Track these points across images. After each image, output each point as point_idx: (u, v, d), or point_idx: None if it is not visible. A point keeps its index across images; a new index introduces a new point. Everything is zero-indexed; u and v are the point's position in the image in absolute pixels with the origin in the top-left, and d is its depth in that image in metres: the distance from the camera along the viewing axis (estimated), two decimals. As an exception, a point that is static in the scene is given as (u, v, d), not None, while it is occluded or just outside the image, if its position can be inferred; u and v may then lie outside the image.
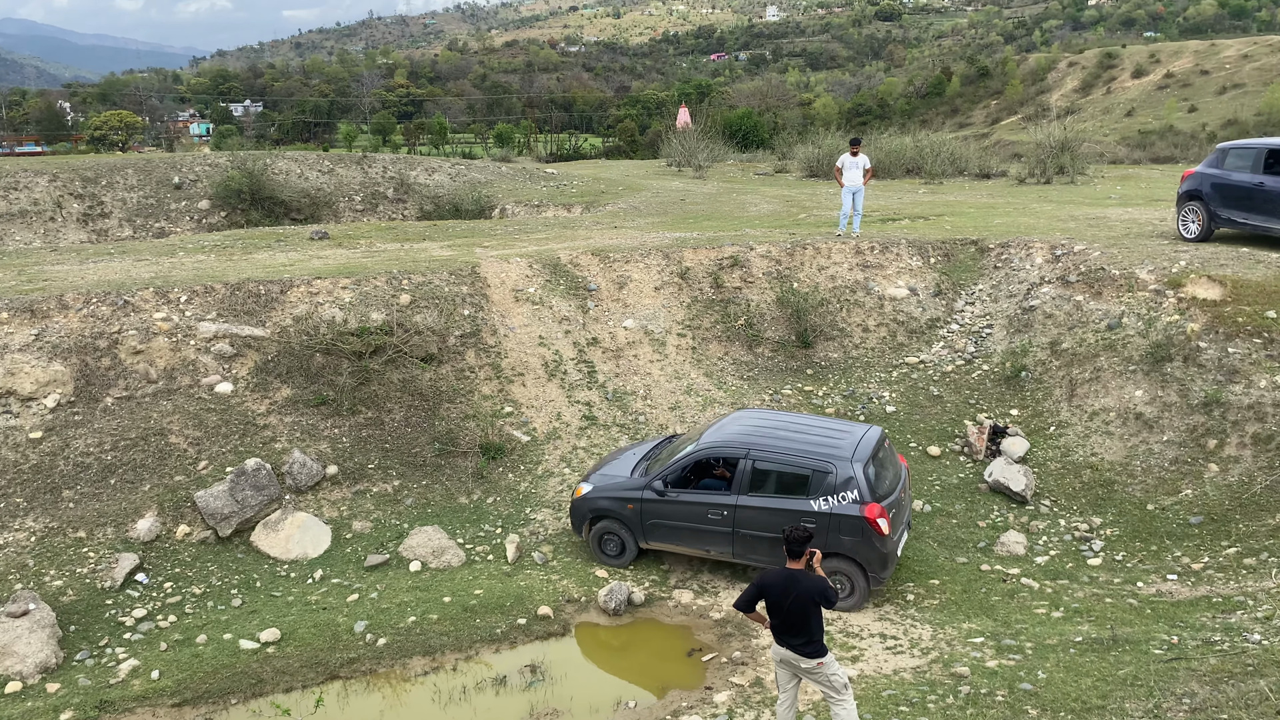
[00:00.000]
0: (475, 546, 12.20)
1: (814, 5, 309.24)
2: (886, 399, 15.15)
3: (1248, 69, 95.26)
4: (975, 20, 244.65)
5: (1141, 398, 13.16)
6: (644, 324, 16.36)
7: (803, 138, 43.94)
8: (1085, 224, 19.49)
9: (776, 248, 17.99)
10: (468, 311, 15.53)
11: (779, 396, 15.35)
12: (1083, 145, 37.09)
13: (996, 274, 17.09)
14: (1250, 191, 15.81)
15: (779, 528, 10.40)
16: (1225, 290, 13.64)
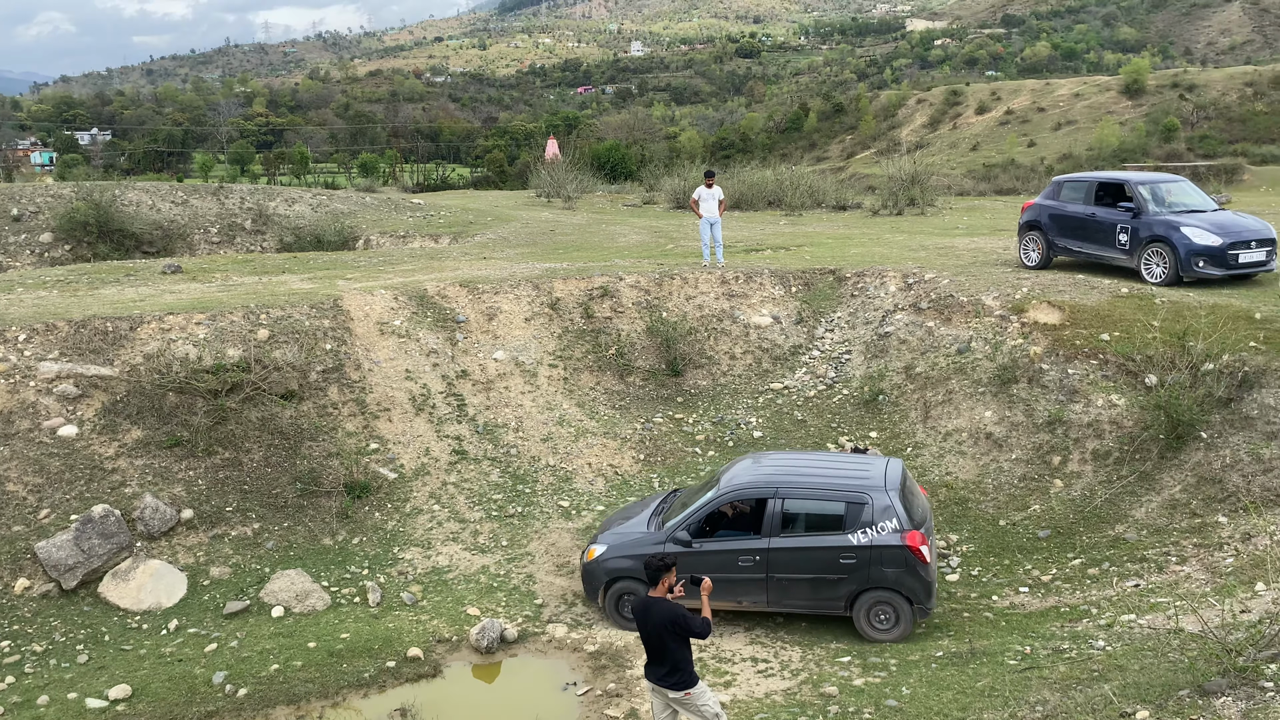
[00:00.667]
0: (341, 589, 11.82)
1: (676, 42, 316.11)
2: (754, 424, 15.47)
3: (1079, 106, 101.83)
4: (830, 58, 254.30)
5: (991, 418, 13.84)
6: (515, 355, 16.27)
7: (669, 170, 44.69)
8: (935, 253, 20.41)
9: (645, 278, 18.20)
10: (330, 346, 15.13)
11: (650, 425, 15.49)
12: (931, 178, 38.84)
13: (854, 302, 17.71)
14: (1084, 222, 16.90)
15: (815, 569, 10.29)
16: (1064, 315, 14.51)
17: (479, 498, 13.68)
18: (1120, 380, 13.08)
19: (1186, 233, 15.25)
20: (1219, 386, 12.06)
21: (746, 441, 15.10)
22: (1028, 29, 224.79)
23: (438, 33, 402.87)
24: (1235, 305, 13.85)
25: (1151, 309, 14.11)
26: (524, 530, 13.19)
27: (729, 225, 26.99)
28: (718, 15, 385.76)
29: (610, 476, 14.42)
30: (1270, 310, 13.39)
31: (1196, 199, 16.69)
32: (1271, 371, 11.99)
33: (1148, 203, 16.03)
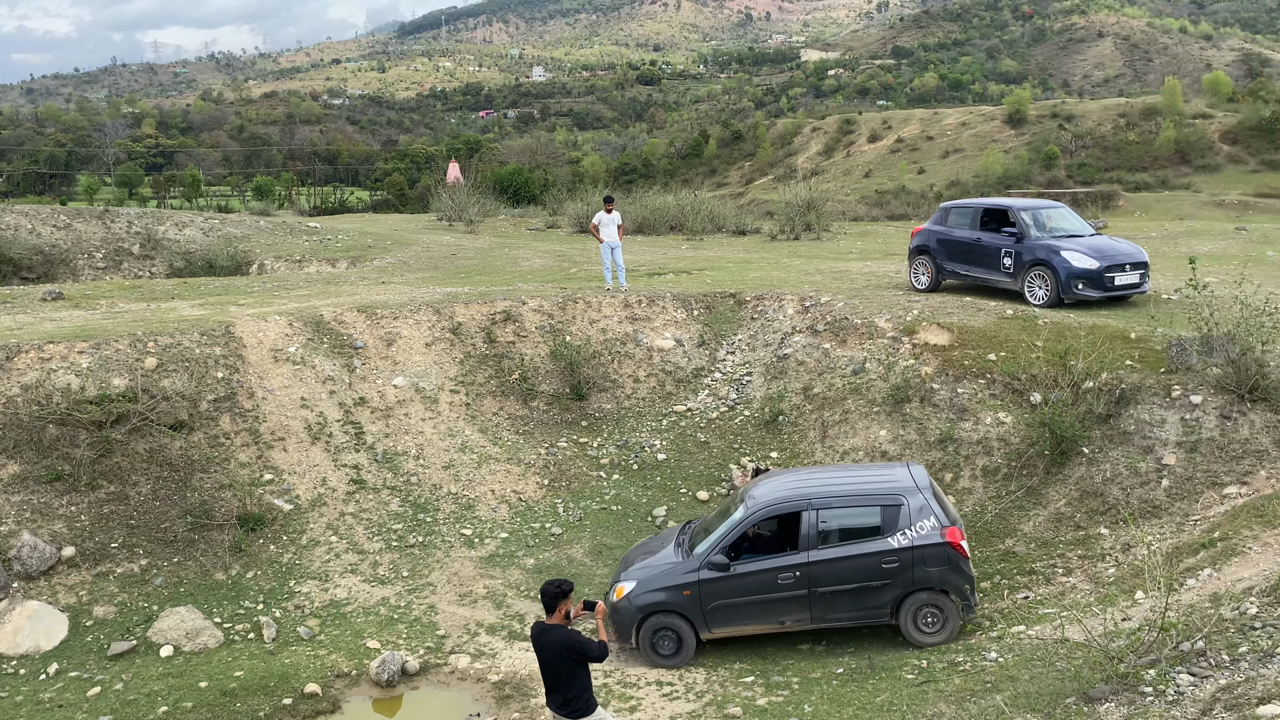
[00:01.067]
0: (235, 625, 11.43)
1: (578, 68, 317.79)
2: (658, 447, 15.55)
3: (966, 135, 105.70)
4: (728, 87, 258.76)
5: (885, 436, 14.21)
6: (415, 381, 16.04)
7: (573, 194, 44.78)
8: (830, 277, 20.91)
9: (549, 302, 18.19)
10: (221, 374, 14.69)
11: (555, 450, 15.43)
12: (827, 204, 39.81)
13: (754, 324, 17.99)
14: (970, 246, 17.54)
15: (859, 578, 10.10)
16: (953, 336, 15.01)
17: (378, 528, 13.41)
18: (1007, 398, 13.58)
19: (1066, 257, 15.96)
20: (1099, 403, 12.63)
21: (651, 464, 15.17)
22: (916, 60, 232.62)
23: (335, 55, 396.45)
24: (1112, 325, 14.53)
25: (1035, 330, 14.71)
26: (425, 560, 12.98)
27: (632, 249, 27.19)
28: (618, 43, 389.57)
29: (514, 503, 14.31)
30: (1144, 330, 14.09)
31: (1075, 224, 17.49)
32: (1146, 389, 12.61)
33: (1030, 228, 16.73)
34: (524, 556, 13.18)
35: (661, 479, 14.87)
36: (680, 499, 14.41)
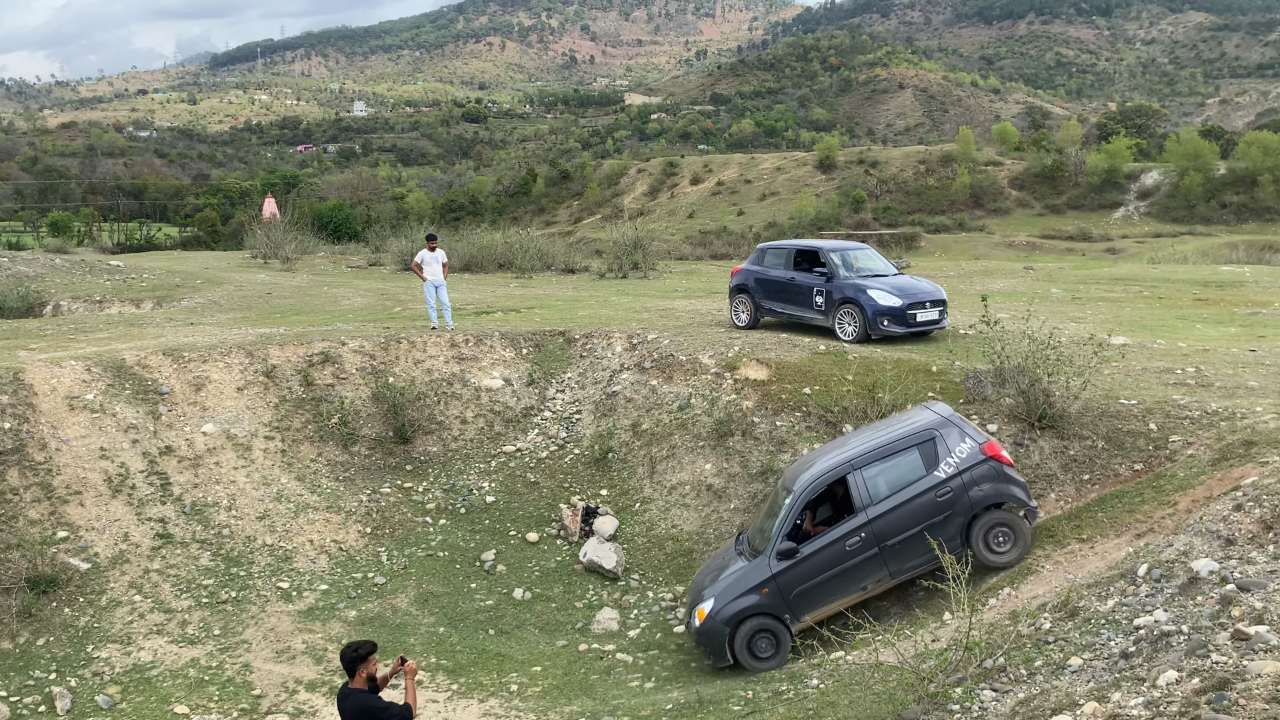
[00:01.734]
0: (23, 698, 10.48)
1: (401, 104, 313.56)
2: (486, 489, 15.35)
3: (781, 179, 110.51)
4: (555, 127, 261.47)
5: (711, 470, 14.54)
6: (226, 428, 15.27)
7: (396, 231, 44.02)
8: (657, 315, 21.32)
9: (370, 342, 17.73)
10: (9, 425, 13.55)
11: (377, 496, 14.98)
12: (653, 243, 40.70)
13: (583, 362, 18.10)
14: (785, 286, 18.27)
15: (920, 520, 10.26)
16: (771, 371, 15.56)
17: (187, 584, 12.63)
18: (822, 430, 14.16)
19: (872, 295, 16.87)
20: (905, 433, 13.34)
21: (479, 507, 14.95)
22: (734, 107, 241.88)
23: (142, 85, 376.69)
24: (915, 359, 15.42)
25: (846, 364, 15.44)
26: (239, 616, 12.31)
27: (459, 288, 26.90)
28: (443, 80, 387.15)
29: (334, 553, 13.78)
30: (943, 364, 15.02)
31: (880, 265, 18.51)
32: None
33: (839, 268, 17.60)
34: (345, 608, 12.70)
35: (490, 522, 14.68)
36: (510, 542, 14.27)
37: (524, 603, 12.98)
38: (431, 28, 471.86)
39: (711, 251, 64.03)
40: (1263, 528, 8.29)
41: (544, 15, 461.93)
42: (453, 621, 12.57)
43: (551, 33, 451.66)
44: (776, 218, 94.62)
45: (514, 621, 12.53)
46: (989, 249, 71.55)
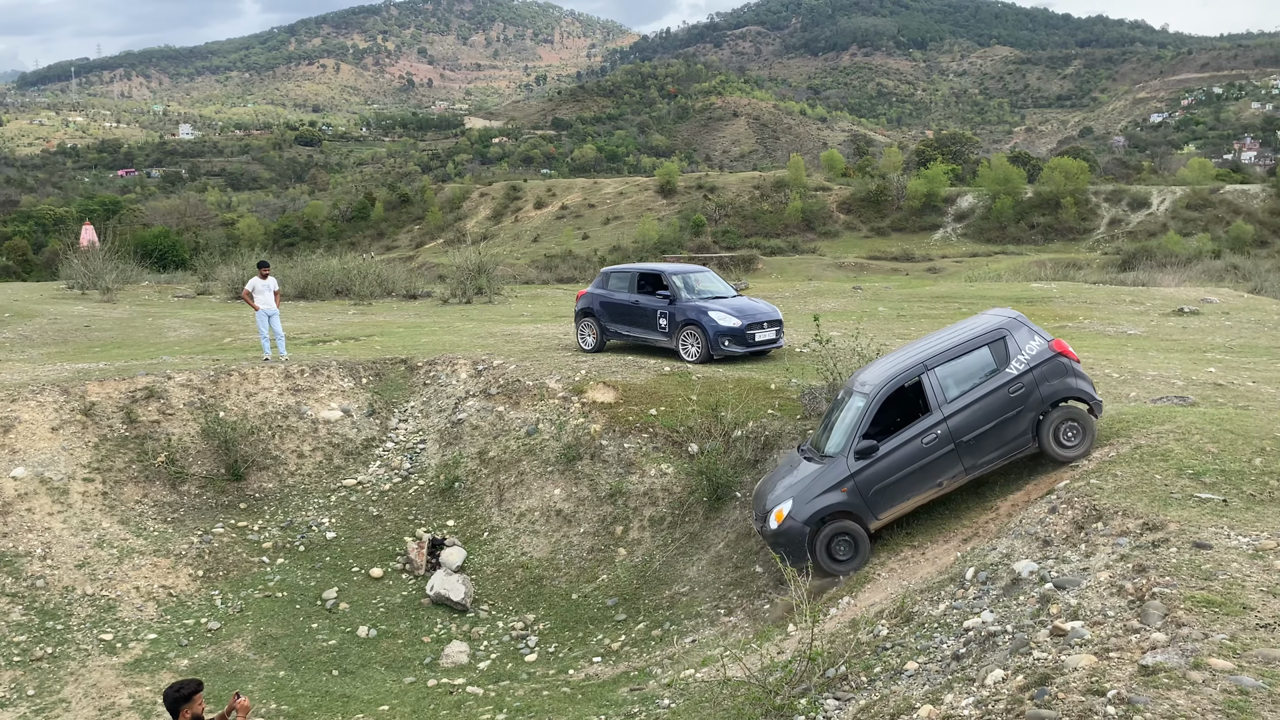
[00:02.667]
0: None
1: (230, 126, 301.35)
2: (327, 525, 14.83)
3: (624, 204, 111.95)
4: (393, 150, 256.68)
5: (560, 495, 14.51)
6: (39, 471, 14.21)
7: (227, 259, 42.13)
8: (503, 340, 21.17)
9: (199, 375, 16.89)
10: None
11: (209, 537, 14.24)
12: (498, 268, 40.46)
13: (427, 390, 17.77)
14: (629, 308, 18.49)
15: (993, 416, 10.54)
16: (618, 394, 15.69)
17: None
18: (668, 450, 14.37)
19: (713, 316, 17.27)
20: (747, 450, 13.70)
21: (319, 544, 14.42)
22: (575, 132, 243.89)
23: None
24: (755, 378, 15.85)
25: (690, 384, 15.73)
26: (56, 674, 11.43)
27: (294, 316, 25.98)
28: (274, 102, 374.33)
29: (163, 599, 13.00)
30: (781, 381, 15.49)
31: (720, 287, 18.98)
32: (786, 434, 13.86)
33: (681, 291, 17.94)
34: (176, 657, 11.98)
35: (331, 559, 14.18)
36: (353, 578, 13.81)
37: (369, 641, 12.58)
38: (261, 49, 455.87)
39: (558, 275, 64.20)
40: (1075, 528, 8.89)
41: (380, 38, 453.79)
42: (293, 664, 12.05)
43: (388, 55, 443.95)
44: (621, 241, 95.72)
45: (359, 660, 12.12)
46: (821, 270, 74.52)
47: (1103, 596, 6.80)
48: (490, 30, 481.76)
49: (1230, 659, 5.23)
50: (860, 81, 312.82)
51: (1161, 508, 8.50)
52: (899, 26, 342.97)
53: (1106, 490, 9.26)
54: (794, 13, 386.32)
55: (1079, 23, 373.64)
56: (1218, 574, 6.59)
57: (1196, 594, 6.20)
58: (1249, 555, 7.03)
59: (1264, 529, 7.72)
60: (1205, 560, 6.93)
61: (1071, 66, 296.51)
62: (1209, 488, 9.05)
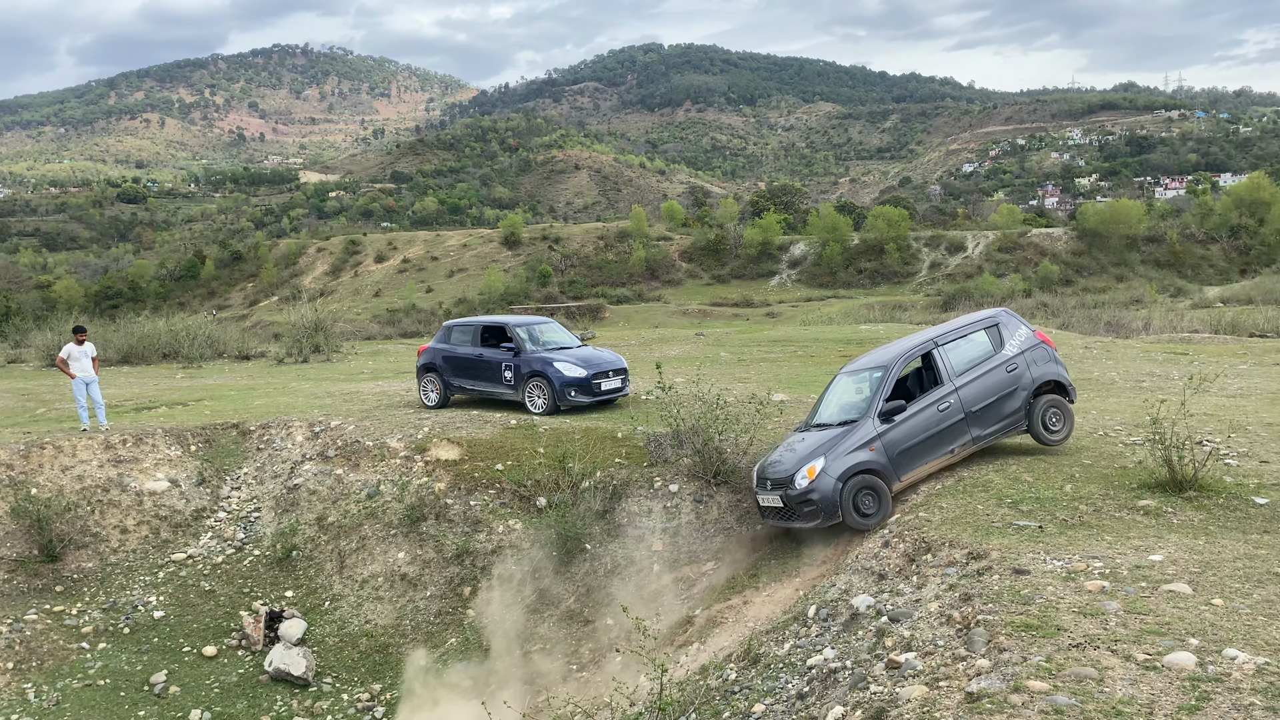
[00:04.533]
0: None
1: (44, 184, 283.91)
2: (154, 603, 13.92)
3: (468, 255, 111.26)
4: (224, 206, 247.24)
5: (404, 559, 14.10)
6: None
7: (41, 324, 39.51)
8: (342, 399, 20.55)
9: (7, 450, 15.67)
10: None
11: (20, 625, 13.13)
12: (336, 324, 39.36)
13: (260, 455, 17.04)
14: (473, 362, 18.31)
15: (995, 391, 11.77)
16: (463, 450, 15.44)
17: None
18: (516, 505, 14.21)
19: (559, 367, 17.28)
20: (596, 500, 13.70)
21: (146, 625, 13.51)
22: (416, 185, 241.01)
23: None
24: (603, 427, 15.93)
25: (537, 436, 15.65)
26: None
27: (116, 382, 24.52)
28: (93, 158, 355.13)
29: (-35, 697, 11.87)
30: (628, 430, 15.61)
31: (565, 337, 19.06)
32: (633, 482, 13.94)
33: (525, 342, 17.91)
34: (-19, 761, 10.96)
35: (160, 639, 13.30)
36: (184, 659, 12.98)
37: (203, 725, 11.83)
38: (78, 103, 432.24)
39: (401, 330, 63.04)
40: (907, 560, 9.28)
41: (207, 92, 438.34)
42: (117, 758, 11.19)
43: (216, 110, 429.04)
44: (466, 293, 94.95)
45: (191, 748, 11.38)
46: (666, 317, 75.89)
47: (933, 626, 7.10)
48: (325, 84, 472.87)
49: (1047, 680, 5.54)
50: (695, 136, 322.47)
51: (984, 537, 8.98)
52: (729, 84, 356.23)
53: (934, 522, 9.71)
54: (629, 70, 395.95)
55: (894, 80, 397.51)
56: (1035, 598, 6.99)
57: (1016, 619, 6.56)
58: (1063, 578, 7.49)
59: (1076, 552, 8.25)
60: (1024, 585, 7.34)
61: (890, 121, 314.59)
62: (1026, 515, 9.62)
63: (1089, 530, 9.03)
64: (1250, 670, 5.50)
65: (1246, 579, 7.28)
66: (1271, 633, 6.16)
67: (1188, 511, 9.48)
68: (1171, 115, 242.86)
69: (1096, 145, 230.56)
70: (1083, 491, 10.23)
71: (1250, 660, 5.63)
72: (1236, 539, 8.53)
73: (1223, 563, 7.72)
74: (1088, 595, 6.98)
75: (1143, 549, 8.23)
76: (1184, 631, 6.19)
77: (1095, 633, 6.20)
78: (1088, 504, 9.84)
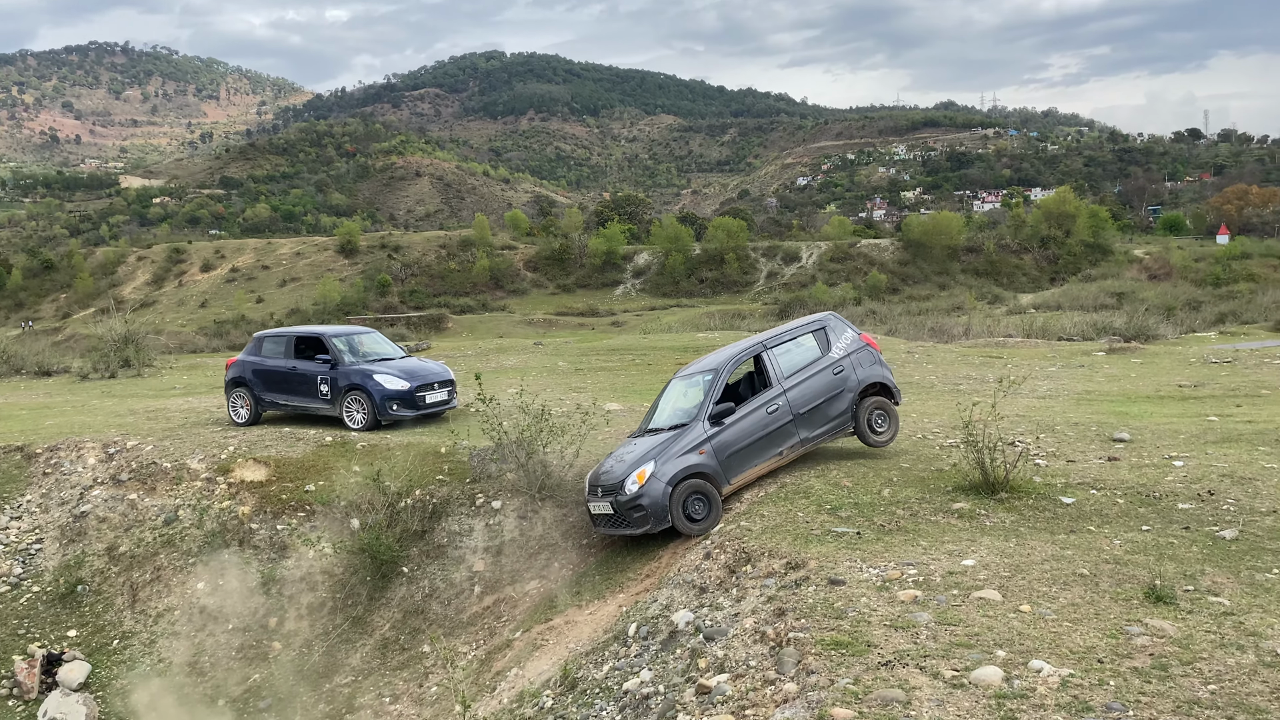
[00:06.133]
0: None
1: None
2: (-93, 653, 12.31)
3: (302, 264, 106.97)
4: (35, 212, 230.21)
5: (204, 590, 12.96)
6: None
7: None
8: (145, 417, 18.99)
9: None
10: None
11: None
12: (156, 336, 36.81)
13: (47, 481, 15.46)
14: (287, 375, 17.17)
15: (822, 393, 11.83)
16: (270, 470, 14.37)
17: None
18: (327, 528, 13.29)
19: (379, 380, 16.38)
20: (414, 520, 12.94)
21: (-105, 677, 11.90)
22: (247, 191, 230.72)
23: None
24: (426, 442, 15.15)
25: (353, 454, 14.74)
26: None
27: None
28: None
29: None
30: (451, 444, 14.88)
31: (387, 348, 18.14)
32: (455, 500, 13.25)
33: (343, 354, 16.91)
34: None
35: (-88, 693, 11.75)
36: (-61, 714, 11.49)
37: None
38: None
39: (229, 342, 59.92)
40: (727, 572, 9.01)
41: (15, 90, 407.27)
42: None
43: (26, 109, 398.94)
44: (300, 304, 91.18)
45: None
46: (511, 327, 74.84)
47: (747, 645, 6.81)
48: (147, 85, 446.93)
49: (851, 706, 5.28)
50: (540, 145, 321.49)
51: (803, 545, 8.80)
52: (573, 94, 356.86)
53: (755, 532, 9.49)
54: (471, 76, 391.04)
55: (732, 94, 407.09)
56: (848, 611, 6.79)
57: (827, 635, 6.32)
58: (877, 588, 7.34)
59: (891, 559, 8.16)
60: (838, 597, 7.15)
61: (728, 134, 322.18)
62: (845, 521, 9.53)
63: (905, 535, 8.99)
64: (1054, 684, 5.39)
65: (1054, 581, 7.30)
66: (1075, 639, 6.11)
67: (1000, 513, 9.59)
68: (987, 133, 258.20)
69: (920, 160, 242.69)
70: (900, 496, 10.24)
71: (1055, 673, 5.53)
72: (1045, 539, 8.64)
73: (1032, 565, 7.75)
74: (900, 606, 6.83)
75: (956, 553, 8.21)
76: (992, 642, 6.07)
77: (905, 648, 6.01)
78: (904, 508, 9.84)
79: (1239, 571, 7.54)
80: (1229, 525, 8.82)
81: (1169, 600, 6.68)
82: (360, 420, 16.39)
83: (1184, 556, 7.99)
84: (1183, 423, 14.08)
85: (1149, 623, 6.29)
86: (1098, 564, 7.73)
